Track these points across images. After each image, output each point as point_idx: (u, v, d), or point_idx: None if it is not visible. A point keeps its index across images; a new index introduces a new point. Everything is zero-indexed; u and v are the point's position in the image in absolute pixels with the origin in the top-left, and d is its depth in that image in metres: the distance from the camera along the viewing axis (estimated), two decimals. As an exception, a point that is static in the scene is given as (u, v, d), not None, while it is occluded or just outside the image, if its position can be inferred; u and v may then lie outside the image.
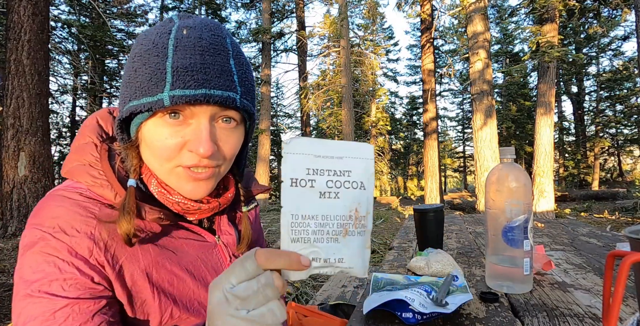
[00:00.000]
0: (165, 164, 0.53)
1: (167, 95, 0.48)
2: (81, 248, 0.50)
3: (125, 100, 0.52)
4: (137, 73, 0.50)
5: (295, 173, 0.38)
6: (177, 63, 0.49)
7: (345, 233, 0.40)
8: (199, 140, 0.51)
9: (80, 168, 0.56)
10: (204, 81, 0.49)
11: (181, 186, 0.55)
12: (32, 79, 5.28)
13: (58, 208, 0.52)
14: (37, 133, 5.27)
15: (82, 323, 0.48)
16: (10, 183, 5.12)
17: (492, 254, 0.84)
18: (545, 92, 7.32)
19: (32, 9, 5.33)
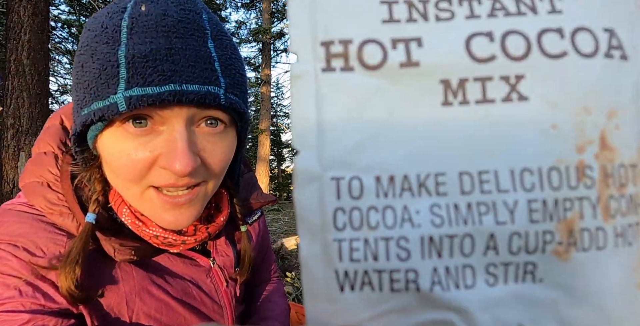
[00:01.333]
0: (133, 188, 0.41)
1: (122, 96, 0.35)
2: (47, 270, 0.42)
3: (77, 109, 0.39)
4: (85, 70, 0.38)
5: None
6: (134, 51, 0.35)
7: None
8: (174, 153, 0.38)
9: (36, 188, 0.45)
10: (172, 73, 0.35)
11: (157, 215, 0.43)
12: (32, 79, 5.28)
13: (18, 225, 0.43)
14: (37, 133, 5.27)
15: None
16: (10, 183, 5.12)
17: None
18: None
19: (32, 9, 5.33)
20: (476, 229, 0.14)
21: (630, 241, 0.14)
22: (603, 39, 0.15)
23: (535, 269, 0.14)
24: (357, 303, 0.15)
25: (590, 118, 0.15)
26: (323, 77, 0.16)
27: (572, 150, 0.14)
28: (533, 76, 0.15)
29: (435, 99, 0.15)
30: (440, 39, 0.15)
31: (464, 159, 0.15)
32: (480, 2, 0.15)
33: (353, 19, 0.16)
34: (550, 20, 0.15)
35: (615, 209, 0.14)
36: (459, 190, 0.15)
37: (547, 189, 0.14)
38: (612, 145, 0.15)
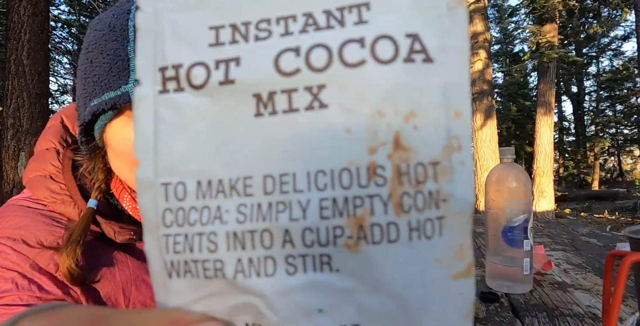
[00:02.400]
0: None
1: (133, 86, 0.39)
2: (45, 262, 0.44)
3: (85, 101, 0.43)
4: (94, 65, 0.41)
5: None
6: None
7: None
8: None
9: (39, 181, 0.48)
10: None
11: None
12: (32, 79, 5.29)
13: (19, 218, 0.45)
14: (37, 133, 5.27)
15: None
16: (10, 183, 5.12)
17: (492, 254, 0.85)
18: (545, 92, 7.33)
19: (32, 9, 5.34)
20: (273, 225, 0.16)
21: (429, 235, 0.15)
22: (404, 45, 0.16)
23: (330, 260, 0.15)
24: (182, 288, 0.17)
25: (383, 121, 0.16)
26: (159, 98, 0.18)
27: (364, 152, 0.15)
28: (333, 85, 0.16)
29: (249, 111, 0.17)
30: (254, 58, 0.17)
31: (269, 163, 0.16)
32: (295, 19, 0.17)
33: (185, 46, 0.18)
34: (355, 31, 0.16)
35: (409, 205, 0.15)
36: (262, 191, 0.16)
37: (338, 189, 0.15)
38: (408, 145, 0.16)
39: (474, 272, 0.16)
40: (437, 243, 0.16)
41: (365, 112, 0.16)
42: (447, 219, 0.16)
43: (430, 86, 0.16)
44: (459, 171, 0.16)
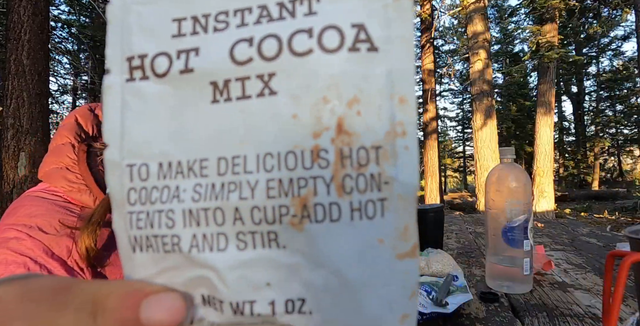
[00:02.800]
0: None
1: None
2: (59, 248, 0.47)
3: None
4: None
5: None
6: None
7: None
8: None
9: (56, 172, 0.53)
10: None
11: None
12: (32, 79, 5.29)
13: (35, 208, 0.50)
14: (37, 133, 5.28)
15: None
16: (10, 183, 5.12)
17: (492, 254, 0.85)
18: (545, 92, 7.33)
19: (32, 9, 5.34)
20: (224, 203, 0.17)
21: (370, 216, 0.16)
22: (349, 35, 0.17)
23: (277, 237, 0.17)
24: (145, 262, 0.18)
25: (327, 107, 0.17)
26: (126, 86, 0.19)
27: (309, 136, 0.17)
28: (282, 73, 0.17)
29: (206, 98, 0.18)
30: (212, 48, 0.18)
31: (224, 147, 0.18)
32: (251, 11, 0.18)
33: (149, 37, 0.19)
34: (305, 21, 0.17)
35: (351, 187, 0.16)
36: (216, 172, 0.18)
37: (283, 170, 0.17)
38: (351, 130, 0.17)
39: (418, 253, 0.17)
40: (380, 224, 0.17)
41: (311, 99, 0.17)
42: (390, 201, 0.17)
43: (375, 74, 0.17)
44: (402, 156, 0.17)
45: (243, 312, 0.17)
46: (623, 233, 0.48)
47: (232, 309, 0.17)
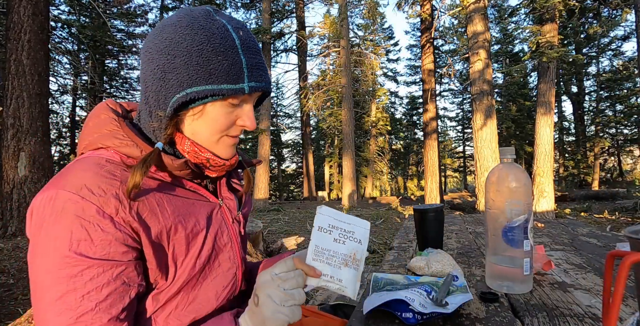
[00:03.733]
0: (217, 135, 0.65)
1: (247, 86, 0.61)
2: (109, 207, 0.54)
3: (196, 82, 0.59)
4: (211, 61, 0.58)
5: (322, 224, 0.62)
6: (249, 62, 0.61)
7: (345, 264, 0.62)
8: (250, 118, 0.66)
9: (104, 135, 0.62)
10: (264, 77, 0.64)
11: (224, 149, 0.67)
12: (32, 79, 5.28)
13: (83, 172, 0.56)
14: (37, 133, 5.28)
15: (104, 284, 0.53)
16: (10, 183, 5.12)
17: (492, 254, 0.84)
18: (545, 92, 7.32)
19: (32, 9, 5.33)
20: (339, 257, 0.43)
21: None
22: None
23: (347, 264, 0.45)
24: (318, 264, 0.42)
25: None
26: None
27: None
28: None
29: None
30: None
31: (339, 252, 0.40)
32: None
33: None
34: None
35: None
36: (338, 259, 0.33)
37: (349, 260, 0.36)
38: None
39: None
40: None
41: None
42: None
43: None
44: None
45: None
46: (623, 233, 0.48)
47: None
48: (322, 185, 22.77)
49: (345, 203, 11.45)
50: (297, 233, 5.64)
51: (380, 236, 5.38)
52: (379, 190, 23.87)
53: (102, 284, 0.53)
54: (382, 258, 3.89)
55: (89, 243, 0.53)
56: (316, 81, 17.57)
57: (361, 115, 19.96)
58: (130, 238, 0.56)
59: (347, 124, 12.23)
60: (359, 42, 19.55)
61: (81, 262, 0.52)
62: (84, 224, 0.52)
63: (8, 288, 3.05)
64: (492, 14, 19.80)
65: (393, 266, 1.10)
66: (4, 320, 2.42)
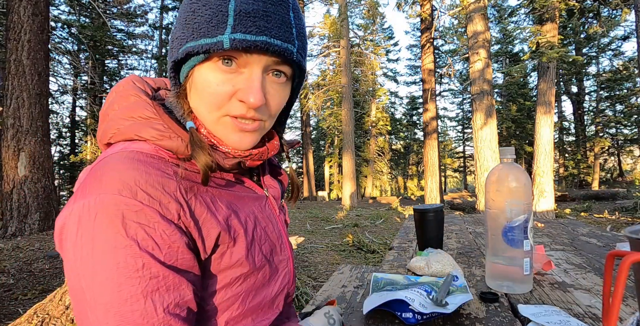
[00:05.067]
0: (214, 112, 0.52)
1: (227, 37, 0.47)
2: (170, 213, 0.46)
3: (182, 42, 0.50)
4: (196, 14, 0.49)
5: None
6: (240, 7, 0.47)
7: None
8: (250, 89, 0.49)
9: (138, 123, 0.52)
10: (265, 29, 0.48)
11: (227, 136, 0.53)
12: (32, 79, 5.28)
13: (132, 171, 0.46)
14: (37, 133, 5.27)
15: (174, 292, 0.46)
16: (10, 183, 5.12)
17: (492, 254, 0.84)
18: (545, 91, 7.33)
19: (32, 9, 5.33)
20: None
21: None
22: None
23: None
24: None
25: None
26: None
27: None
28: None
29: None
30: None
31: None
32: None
33: None
34: None
35: None
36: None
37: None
38: None
39: None
40: None
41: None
42: None
43: None
44: None
45: None
46: (623, 233, 0.48)
47: None
48: (322, 185, 22.78)
49: (345, 203, 11.45)
50: (297, 233, 5.65)
51: (380, 236, 5.38)
52: (379, 190, 23.87)
53: (174, 293, 0.45)
54: (382, 258, 3.90)
55: (158, 251, 0.45)
56: (316, 80, 17.58)
57: (361, 115, 19.97)
58: (192, 242, 0.49)
59: (347, 124, 12.24)
60: (359, 42, 19.55)
61: (153, 273, 0.44)
62: (149, 232, 0.44)
63: (8, 288, 3.05)
64: (492, 14, 19.80)
65: (393, 266, 1.10)
66: (4, 320, 2.42)
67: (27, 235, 4.93)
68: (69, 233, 0.44)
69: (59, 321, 1.89)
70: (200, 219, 0.50)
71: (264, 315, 0.59)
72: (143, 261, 0.44)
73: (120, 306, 0.42)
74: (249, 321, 0.57)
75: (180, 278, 0.46)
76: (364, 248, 4.52)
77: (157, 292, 0.44)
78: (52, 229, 5.14)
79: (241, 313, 0.55)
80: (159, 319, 0.43)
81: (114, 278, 0.42)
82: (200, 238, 0.50)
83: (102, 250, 0.43)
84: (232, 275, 0.54)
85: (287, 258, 0.64)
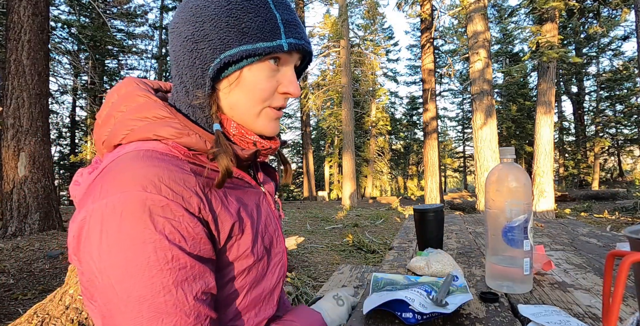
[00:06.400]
0: (258, 106, 0.58)
1: (285, 42, 0.55)
2: (192, 206, 0.49)
3: (230, 45, 0.53)
4: (241, 20, 0.53)
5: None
6: (284, 17, 0.56)
7: None
8: (292, 83, 0.58)
9: (156, 123, 0.53)
10: (302, 34, 0.58)
11: (267, 124, 0.60)
12: (32, 79, 5.28)
13: (153, 168, 0.48)
14: (37, 133, 5.27)
15: (199, 282, 0.48)
16: (10, 183, 5.12)
17: (492, 255, 0.84)
18: (545, 91, 7.32)
19: (32, 9, 5.33)
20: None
21: None
22: None
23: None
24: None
25: None
26: None
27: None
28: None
29: None
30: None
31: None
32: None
33: None
34: None
35: None
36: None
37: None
38: None
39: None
40: None
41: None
42: None
43: None
44: None
45: None
46: (623, 233, 0.48)
47: None
48: (322, 185, 22.78)
49: (345, 203, 11.45)
50: (297, 233, 5.64)
51: (380, 236, 5.38)
52: (379, 190, 23.87)
53: (200, 281, 0.48)
54: (382, 258, 3.90)
55: (184, 243, 0.47)
56: (316, 80, 17.57)
57: (361, 115, 19.97)
58: (210, 234, 0.52)
59: (347, 124, 12.23)
60: (359, 42, 19.55)
61: (182, 264, 0.46)
62: (176, 226, 0.47)
63: (8, 288, 3.05)
64: (492, 14, 19.80)
65: (393, 266, 1.10)
66: (4, 320, 2.42)
67: (27, 235, 4.93)
68: (91, 233, 0.45)
69: (59, 321, 1.89)
70: (217, 212, 0.53)
71: (265, 308, 0.62)
72: (172, 253, 0.46)
73: (154, 298, 0.44)
74: (253, 315, 0.60)
75: (204, 267, 0.49)
76: (364, 248, 4.52)
77: (186, 282, 0.47)
78: (52, 229, 5.14)
79: (245, 305, 0.58)
80: (190, 306, 0.46)
81: (146, 271, 0.44)
82: (217, 230, 0.53)
83: (132, 245, 0.44)
84: (239, 267, 0.57)
85: (282, 251, 0.67)
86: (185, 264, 0.47)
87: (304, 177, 19.12)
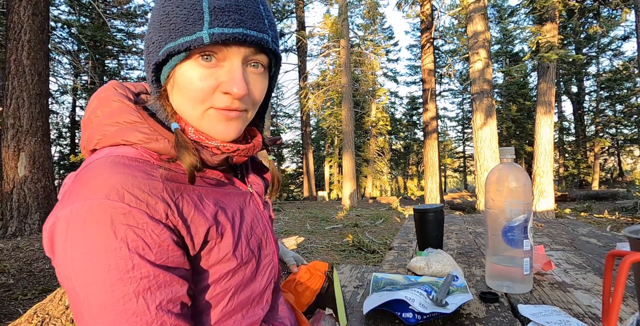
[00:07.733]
0: (199, 107, 0.53)
1: (206, 33, 0.48)
2: (158, 213, 0.48)
3: (160, 45, 0.51)
4: (170, 16, 0.50)
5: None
6: (214, 3, 0.49)
7: None
8: (233, 80, 0.51)
9: (124, 128, 0.53)
10: (240, 21, 0.50)
11: (214, 127, 0.55)
12: (32, 79, 5.28)
13: (117, 175, 0.47)
14: (37, 133, 5.27)
15: (166, 289, 0.47)
16: (10, 183, 5.12)
17: (492, 254, 0.84)
18: (545, 91, 7.32)
19: (32, 9, 5.33)
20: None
21: None
22: None
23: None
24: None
25: None
26: None
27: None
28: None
29: None
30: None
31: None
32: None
33: None
34: None
35: None
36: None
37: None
38: None
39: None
40: None
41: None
42: None
43: None
44: None
45: None
46: (623, 233, 0.48)
47: None
48: (322, 185, 22.77)
49: (345, 203, 11.45)
50: (297, 233, 5.64)
51: (380, 236, 5.38)
52: (379, 190, 23.87)
53: (165, 290, 0.47)
54: (382, 258, 3.90)
55: (148, 251, 0.46)
56: (316, 80, 17.57)
57: (361, 115, 19.97)
58: (180, 240, 0.50)
59: (347, 124, 12.23)
60: (359, 42, 19.55)
61: (144, 273, 0.45)
62: (139, 233, 0.46)
63: (8, 288, 3.05)
64: (492, 14, 19.81)
65: (393, 266, 1.10)
66: (4, 320, 2.42)
67: (27, 235, 4.93)
68: (58, 238, 0.46)
69: (59, 321, 1.89)
70: (189, 217, 0.51)
71: (254, 310, 0.61)
72: (133, 262, 0.45)
73: (114, 306, 0.44)
74: (239, 317, 0.58)
75: (171, 275, 0.48)
76: (364, 248, 4.52)
77: (149, 291, 0.46)
78: (52, 229, 5.14)
79: (231, 308, 0.57)
80: (152, 316, 0.45)
81: (106, 280, 0.44)
82: (189, 236, 0.51)
83: (93, 253, 0.44)
84: (221, 270, 0.55)
85: (272, 253, 0.65)
86: (148, 274, 0.46)
87: (304, 177, 19.12)
